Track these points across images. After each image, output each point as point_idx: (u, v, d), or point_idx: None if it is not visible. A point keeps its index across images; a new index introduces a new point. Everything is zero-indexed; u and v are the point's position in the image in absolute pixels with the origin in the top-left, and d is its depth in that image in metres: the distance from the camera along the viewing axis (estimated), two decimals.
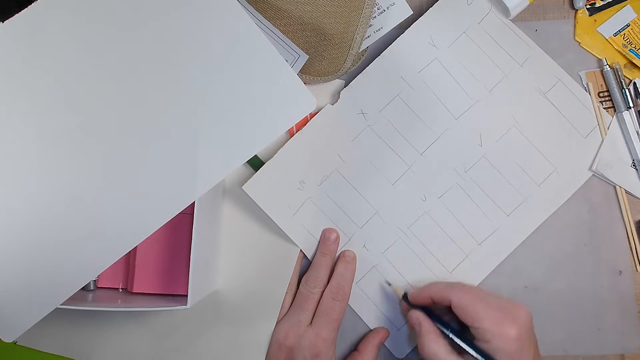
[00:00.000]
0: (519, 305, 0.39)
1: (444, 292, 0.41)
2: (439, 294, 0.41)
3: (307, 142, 0.47)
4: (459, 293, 0.40)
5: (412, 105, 0.47)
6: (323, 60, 0.46)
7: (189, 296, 0.37)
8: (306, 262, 0.47)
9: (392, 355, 0.46)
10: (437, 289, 0.41)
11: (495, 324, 0.37)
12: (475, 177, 0.46)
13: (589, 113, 0.47)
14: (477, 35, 0.47)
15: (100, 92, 0.37)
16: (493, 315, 0.38)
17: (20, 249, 0.36)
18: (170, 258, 0.45)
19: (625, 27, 0.47)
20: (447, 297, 0.40)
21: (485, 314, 0.38)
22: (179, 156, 0.37)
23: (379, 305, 0.46)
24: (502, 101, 0.47)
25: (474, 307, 0.38)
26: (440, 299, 0.41)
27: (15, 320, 0.36)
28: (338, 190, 0.47)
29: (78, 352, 0.46)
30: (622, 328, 0.45)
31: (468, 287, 0.41)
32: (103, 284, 0.45)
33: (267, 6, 0.44)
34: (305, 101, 0.38)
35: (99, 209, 0.37)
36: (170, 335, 0.46)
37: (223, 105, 0.38)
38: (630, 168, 0.46)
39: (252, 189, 0.45)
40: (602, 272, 0.46)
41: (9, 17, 0.37)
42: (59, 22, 0.37)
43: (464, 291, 0.40)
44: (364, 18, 0.45)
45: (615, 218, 0.47)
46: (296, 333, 0.43)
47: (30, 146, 0.37)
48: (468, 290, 0.41)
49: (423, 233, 0.46)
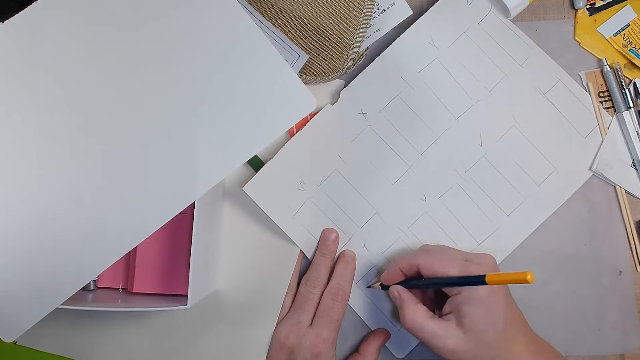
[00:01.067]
0: (483, 253, 0.39)
1: (410, 259, 0.41)
2: (407, 264, 0.41)
3: (307, 142, 0.47)
4: (423, 255, 0.40)
5: (412, 105, 0.47)
6: (323, 60, 0.46)
7: (189, 296, 0.37)
8: (306, 262, 0.47)
9: (392, 355, 0.46)
10: (404, 259, 0.41)
11: (462, 273, 0.37)
12: (475, 177, 0.46)
13: (589, 113, 0.47)
14: (477, 35, 0.47)
15: (100, 92, 0.37)
16: (459, 266, 0.38)
17: (20, 249, 0.36)
18: (170, 258, 0.45)
19: (625, 27, 0.47)
20: (414, 263, 0.40)
21: (451, 267, 0.38)
22: (179, 156, 0.37)
23: (379, 305, 0.46)
24: (502, 101, 0.47)
25: (439, 262, 0.39)
26: (408, 268, 0.41)
27: (15, 320, 0.36)
28: (338, 190, 0.47)
29: (78, 352, 0.46)
30: (622, 328, 0.45)
31: (431, 247, 0.42)
32: (103, 284, 0.45)
33: (267, 6, 0.44)
34: (305, 101, 0.38)
35: (99, 209, 0.37)
36: (170, 335, 0.46)
37: (223, 105, 0.38)
38: (630, 168, 0.46)
39: (253, 190, 0.45)
40: (602, 272, 0.46)
41: (9, 17, 0.37)
42: (59, 22, 0.37)
43: (427, 252, 0.41)
44: (364, 18, 0.45)
45: (615, 218, 0.47)
46: (297, 333, 0.43)
47: (30, 146, 0.37)
48: (431, 249, 0.41)
49: (423, 233, 0.46)
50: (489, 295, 0.37)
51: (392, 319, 0.46)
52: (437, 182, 0.47)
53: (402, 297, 0.40)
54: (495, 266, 0.39)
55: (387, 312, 0.46)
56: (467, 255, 0.40)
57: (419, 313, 0.39)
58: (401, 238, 0.46)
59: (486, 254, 0.39)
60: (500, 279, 0.34)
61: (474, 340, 0.37)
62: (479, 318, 0.36)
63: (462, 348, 0.37)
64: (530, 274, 0.30)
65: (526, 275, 0.30)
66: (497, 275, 0.34)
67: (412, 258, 0.41)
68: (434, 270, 0.39)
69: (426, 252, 0.41)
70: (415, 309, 0.39)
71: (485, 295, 0.37)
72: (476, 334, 0.37)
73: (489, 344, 0.36)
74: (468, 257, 0.39)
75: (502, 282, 0.34)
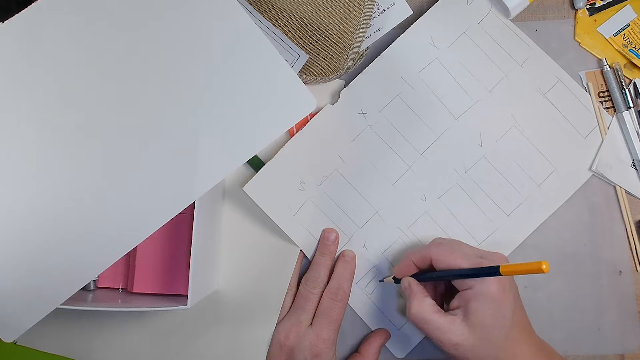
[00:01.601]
0: (496, 252, 0.39)
1: (423, 252, 0.41)
2: (419, 255, 0.41)
3: (307, 142, 0.47)
4: (436, 247, 0.40)
5: (412, 105, 0.47)
6: (323, 60, 0.46)
7: (189, 296, 0.37)
8: (306, 262, 0.47)
9: (392, 355, 0.46)
10: (415, 252, 0.42)
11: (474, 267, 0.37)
12: (475, 177, 0.46)
13: (589, 113, 0.47)
14: (477, 35, 0.47)
15: (100, 92, 0.37)
16: (471, 261, 0.38)
17: (21, 249, 0.36)
18: (170, 258, 0.45)
19: (625, 27, 0.47)
20: (427, 255, 0.40)
21: (463, 261, 0.38)
22: (179, 156, 0.37)
23: (379, 305, 0.46)
24: (502, 101, 0.47)
25: (452, 255, 0.39)
26: (421, 260, 0.41)
27: (15, 320, 0.36)
28: (338, 190, 0.47)
29: (78, 352, 0.46)
30: (622, 328, 0.45)
31: (444, 240, 0.42)
32: (103, 284, 0.45)
33: (267, 6, 0.44)
34: (305, 101, 0.38)
35: (99, 209, 0.37)
36: (170, 335, 0.46)
37: (223, 105, 0.38)
38: (630, 168, 0.46)
39: (253, 190, 0.45)
40: (602, 272, 0.46)
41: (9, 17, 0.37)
42: (59, 22, 0.37)
43: (441, 245, 0.41)
44: (364, 18, 0.45)
45: (615, 218, 0.47)
46: (297, 333, 0.43)
47: (30, 146, 0.37)
48: (444, 243, 0.41)
49: (423, 233, 0.46)
50: (500, 294, 0.37)
51: (392, 319, 0.46)
52: (437, 182, 0.47)
53: (412, 289, 0.40)
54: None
55: (387, 312, 0.46)
56: (480, 252, 0.40)
57: (425, 306, 0.39)
58: (401, 238, 0.46)
59: (499, 252, 0.39)
60: (514, 270, 0.33)
61: (479, 336, 0.37)
62: (487, 315, 0.36)
63: (465, 343, 0.37)
64: (545, 263, 0.30)
65: (541, 265, 0.30)
66: (511, 265, 0.34)
67: (425, 250, 0.41)
68: (446, 263, 0.39)
69: (439, 244, 0.41)
70: (422, 301, 0.39)
71: (496, 293, 0.37)
72: (482, 330, 0.36)
73: (493, 342, 0.36)
74: (481, 254, 0.39)
75: (516, 272, 0.33)
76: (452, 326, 0.37)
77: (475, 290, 0.37)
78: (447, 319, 0.38)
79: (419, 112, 0.47)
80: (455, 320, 0.37)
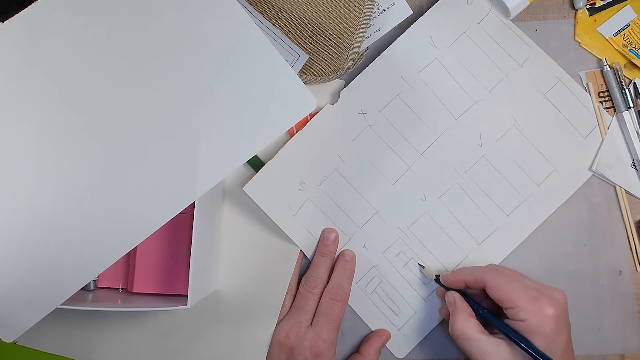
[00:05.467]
0: (556, 288, 0.39)
1: (478, 274, 0.40)
2: (473, 276, 0.40)
3: (307, 142, 0.47)
4: (494, 274, 0.39)
5: (412, 105, 0.47)
6: (323, 60, 0.46)
7: (189, 296, 0.37)
8: (306, 262, 0.47)
9: (392, 355, 0.46)
10: (470, 271, 0.41)
11: (532, 301, 0.37)
12: (475, 177, 0.46)
13: (589, 113, 0.47)
14: (477, 35, 0.47)
15: (100, 92, 0.37)
16: (530, 294, 0.37)
17: (21, 249, 0.36)
18: (170, 258, 0.45)
19: (625, 27, 0.47)
20: (482, 279, 0.40)
21: (521, 293, 0.37)
22: (179, 156, 0.37)
23: (379, 305, 0.46)
24: (502, 101, 0.47)
25: (510, 286, 0.38)
26: (474, 282, 0.40)
27: (15, 320, 0.36)
28: (338, 190, 0.47)
29: (78, 352, 0.46)
30: (622, 328, 0.45)
31: (502, 268, 0.41)
32: (103, 284, 0.45)
33: (267, 6, 0.44)
34: (305, 101, 0.38)
35: (99, 209, 0.37)
36: (170, 335, 0.46)
37: (223, 105, 0.38)
38: (630, 168, 0.46)
39: (253, 190, 0.45)
40: (602, 272, 0.46)
41: (9, 17, 0.37)
42: (59, 22, 0.37)
43: (499, 272, 0.40)
44: (364, 18, 0.45)
45: (615, 218, 0.47)
46: (297, 333, 0.43)
47: (30, 146, 0.37)
48: (502, 270, 0.40)
49: (423, 233, 0.46)
50: (554, 333, 0.36)
51: (392, 319, 0.46)
52: (437, 182, 0.47)
53: (457, 306, 0.40)
54: (565, 303, 0.38)
55: (387, 312, 0.46)
56: (538, 285, 0.39)
57: (470, 325, 0.39)
58: (401, 238, 0.46)
59: (558, 289, 0.39)
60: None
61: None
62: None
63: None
64: None
65: None
66: None
67: (481, 274, 0.40)
68: (500, 293, 0.38)
69: (497, 271, 0.40)
70: (467, 320, 0.39)
71: (550, 332, 0.36)
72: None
73: None
74: (539, 288, 0.38)
75: None
76: (496, 349, 0.37)
77: (529, 324, 0.36)
78: (493, 341, 0.37)
79: (419, 112, 0.47)
80: (501, 344, 0.37)
